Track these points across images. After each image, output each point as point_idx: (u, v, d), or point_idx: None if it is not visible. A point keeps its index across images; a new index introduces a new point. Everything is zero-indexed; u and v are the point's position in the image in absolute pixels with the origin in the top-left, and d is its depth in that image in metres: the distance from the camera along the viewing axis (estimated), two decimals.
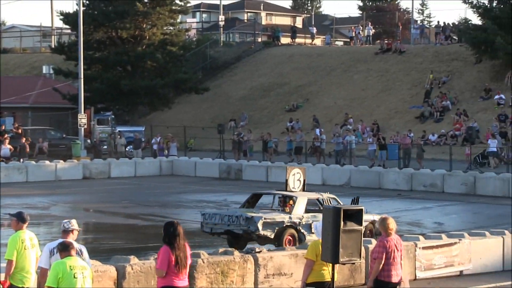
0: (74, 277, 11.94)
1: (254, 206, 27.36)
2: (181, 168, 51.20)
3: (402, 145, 49.62)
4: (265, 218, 24.83)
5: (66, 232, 13.12)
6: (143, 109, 71.81)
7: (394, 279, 14.65)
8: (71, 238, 13.01)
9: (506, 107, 57.67)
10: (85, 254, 13.06)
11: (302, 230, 25.13)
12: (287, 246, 22.56)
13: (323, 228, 15.29)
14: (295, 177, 26.54)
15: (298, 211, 25.63)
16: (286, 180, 26.51)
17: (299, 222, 25.24)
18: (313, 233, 22.69)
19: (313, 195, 26.82)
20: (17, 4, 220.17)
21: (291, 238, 24.86)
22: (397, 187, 42.25)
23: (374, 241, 17.91)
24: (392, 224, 14.81)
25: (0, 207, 28.38)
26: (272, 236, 24.70)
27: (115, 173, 49.30)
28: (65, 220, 13.47)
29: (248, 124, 65.11)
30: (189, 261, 13.28)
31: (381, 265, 14.52)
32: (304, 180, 26.66)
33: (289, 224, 25.08)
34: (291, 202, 26.44)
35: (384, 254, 14.60)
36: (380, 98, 65.41)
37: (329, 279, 14.40)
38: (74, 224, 13.31)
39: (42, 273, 12.95)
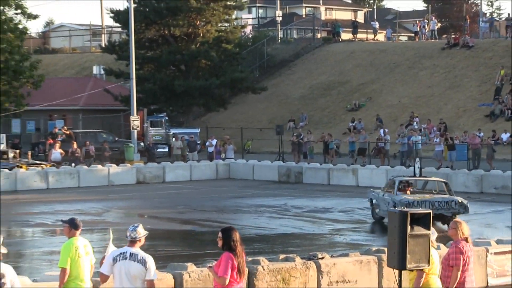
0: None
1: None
2: (238, 171, 51.29)
3: (471, 145, 49.27)
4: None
5: (133, 242, 13.23)
6: (198, 110, 72.12)
7: (469, 285, 14.68)
8: (138, 246, 13.23)
9: None
10: (150, 263, 13.13)
11: None
12: None
13: (390, 234, 15.36)
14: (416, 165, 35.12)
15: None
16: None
17: None
18: None
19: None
20: (65, 3, 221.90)
21: None
22: (467, 190, 41.94)
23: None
24: (466, 228, 14.80)
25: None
26: None
27: (169, 178, 49.50)
28: (131, 228, 13.54)
29: (308, 125, 65.13)
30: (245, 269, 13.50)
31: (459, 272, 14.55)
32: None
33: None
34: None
35: (461, 260, 14.48)
36: (447, 95, 65.04)
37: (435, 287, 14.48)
38: (140, 232, 13.41)
39: (102, 279, 13.20)
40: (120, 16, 70.52)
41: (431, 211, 15.50)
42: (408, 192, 32.84)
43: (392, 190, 32.69)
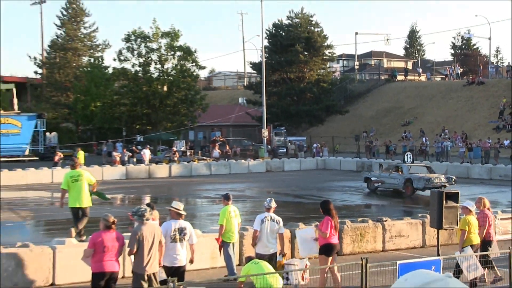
0: None
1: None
2: (330, 164, 51.10)
3: (483, 148, 48.15)
4: None
5: (269, 209, 13.43)
6: (305, 125, 72.13)
7: (494, 238, 14.72)
8: (272, 212, 13.40)
9: None
10: (281, 223, 13.44)
11: None
12: None
13: (431, 205, 15.05)
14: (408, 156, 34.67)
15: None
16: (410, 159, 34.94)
17: None
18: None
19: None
20: (222, 58, 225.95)
21: None
22: (480, 177, 40.97)
23: None
24: (487, 202, 14.76)
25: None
26: None
27: (287, 168, 49.59)
28: (268, 200, 13.67)
29: (375, 134, 64.46)
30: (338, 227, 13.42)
31: (486, 230, 14.31)
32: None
33: None
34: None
35: (487, 222, 14.35)
36: (467, 116, 63.60)
37: (477, 242, 14.14)
38: (273, 203, 13.54)
39: (254, 233, 13.29)
40: (255, 66, 71.25)
41: (459, 191, 15.18)
42: (400, 173, 33.43)
43: (389, 171, 34.32)
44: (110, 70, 67.69)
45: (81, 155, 44.39)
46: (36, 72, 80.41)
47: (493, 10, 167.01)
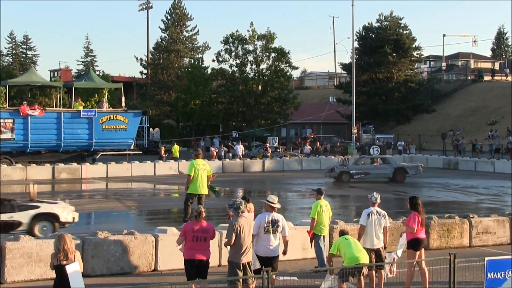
0: None
1: None
2: (417, 161, 49.57)
3: None
4: None
5: (374, 203, 13.09)
6: (392, 124, 70.91)
7: None
8: (376, 206, 13.02)
9: None
10: (387, 217, 12.98)
11: None
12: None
13: None
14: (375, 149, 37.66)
15: None
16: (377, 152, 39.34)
17: None
18: None
19: None
20: (314, 58, 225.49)
21: None
22: None
23: None
24: None
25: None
26: None
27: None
28: (374, 194, 13.30)
29: (462, 133, 62.64)
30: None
31: None
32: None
33: None
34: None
35: None
36: None
37: None
38: (378, 198, 13.20)
39: (360, 228, 12.94)
40: (346, 67, 70.63)
41: None
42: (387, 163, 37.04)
43: (370, 163, 37.04)
44: (209, 71, 68.67)
45: (175, 149, 45.25)
46: (141, 72, 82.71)
47: None
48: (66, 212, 17.39)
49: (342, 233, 12.27)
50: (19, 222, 16.48)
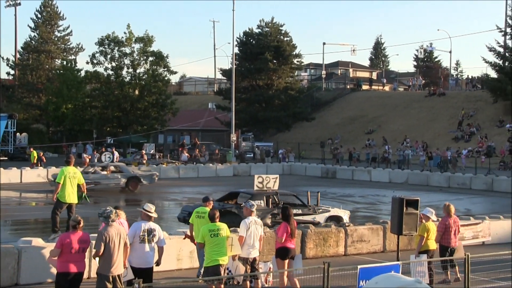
0: None
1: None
2: (296, 169, 51.10)
3: (442, 157, 48.58)
4: None
5: (251, 212, 13.09)
6: (272, 131, 72.15)
7: (453, 244, 14.83)
8: (253, 215, 13.01)
9: None
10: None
11: None
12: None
13: (392, 211, 15.12)
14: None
15: None
16: None
17: None
18: None
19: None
20: (194, 63, 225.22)
21: None
22: (439, 185, 41.24)
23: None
24: (452, 208, 15.10)
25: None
26: None
27: (253, 172, 48.81)
28: (249, 202, 13.36)
29: (340, 141, 64.73)
30: (296, 232, 13.41)
31: (442, 236, 14.57)
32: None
33: None
34: None
35: (445, 229, 14.66)
36: (428, 125, 64.15)
37: (433, 248, 14.46)
38: (255, 206, 13.26)
39: (240, 239, 12.69)
40: (226, 73, 71.11)
41: (419, 198, 15.25)
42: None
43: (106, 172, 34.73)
44: (83, 73, 67.14)
45: (33, 154, 43.69)
46: (8, 73, 79.28)
47: (454, 26, 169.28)
48: (346, 215, 21.82)
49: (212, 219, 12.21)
50: (318, 222, 20.40)
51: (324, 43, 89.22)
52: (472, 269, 11.75)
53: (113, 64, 62.66)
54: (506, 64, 62.52)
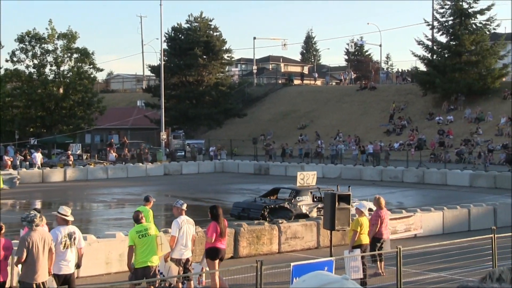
0: None
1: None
2: (228, 167, 51.18)
3: (375, 151, 49.43)
4: None
5: (181, 211, 13.04)
6: (203, 128, 71.92)
7: (385, 237, 15.45)
8: (184, 214, 13.05)
9: (443, 125, 57.60)
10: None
11: None
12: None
13: (325, 207, 15.29)
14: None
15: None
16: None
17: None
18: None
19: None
20: (121, 60, 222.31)
21: None
22: (372, 179, 42.02)
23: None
24: (383, 201, 15.58)
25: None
26: None
27: (185, 171, 49.27)
28: (179, 201, 13.34)
29: (273, 137, 65.03)
30: (227, 231, 13.49)
31: (377, 228, 14.98)
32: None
33: None
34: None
35: (379, 221, 15.16)
36: (360, 119, 65.18)
37: (366, 243, 14.67)
38: (185, 205, 13.22)
39: (171, 240, 12.78)
40: (154, 69, 70.46)
41: (351, 193, 15.47)
42: None
43: None
44: (2, 72, 65.34)
45: None
46: None
47: (384, 19, 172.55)
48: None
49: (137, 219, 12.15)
50: None
51: (254, 38, 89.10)
52: (404, 262, 12.01)
53: (35, 61, 61.25)
54: (434, 57, 64.07)
